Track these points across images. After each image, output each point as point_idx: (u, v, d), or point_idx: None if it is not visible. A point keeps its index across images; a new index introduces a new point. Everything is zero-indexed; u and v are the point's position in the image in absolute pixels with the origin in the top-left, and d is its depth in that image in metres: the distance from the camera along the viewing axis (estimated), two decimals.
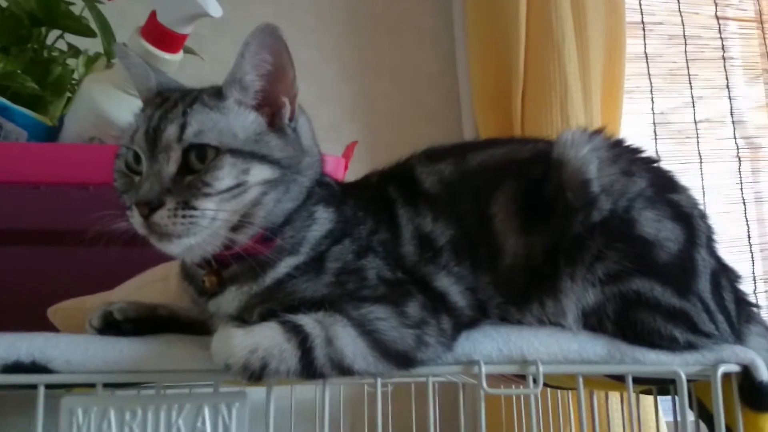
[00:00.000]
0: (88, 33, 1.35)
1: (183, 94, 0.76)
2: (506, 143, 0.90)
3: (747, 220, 2.06)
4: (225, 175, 0.70)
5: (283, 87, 0.77)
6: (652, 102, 2.08)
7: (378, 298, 0.73)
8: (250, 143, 0.72)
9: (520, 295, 0.81)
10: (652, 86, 2.08)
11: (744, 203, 2.07)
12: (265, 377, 0.67)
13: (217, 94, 0.75)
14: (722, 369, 0.81)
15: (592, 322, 0.82)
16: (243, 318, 0.72)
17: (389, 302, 0.73)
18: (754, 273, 2.00)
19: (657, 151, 2.01)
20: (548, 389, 1.31)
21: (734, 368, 0.82)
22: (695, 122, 2.09)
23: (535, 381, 0.78)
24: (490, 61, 1.84)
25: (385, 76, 1.96)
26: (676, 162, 2.06)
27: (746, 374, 0.82)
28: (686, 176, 2.02)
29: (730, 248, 2.01)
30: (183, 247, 0.71)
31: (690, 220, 0.84)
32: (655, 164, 0.88)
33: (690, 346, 0.81)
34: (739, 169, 2.08)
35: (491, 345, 0.79)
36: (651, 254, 0.80)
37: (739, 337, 0.86)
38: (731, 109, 2.11)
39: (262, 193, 0.72)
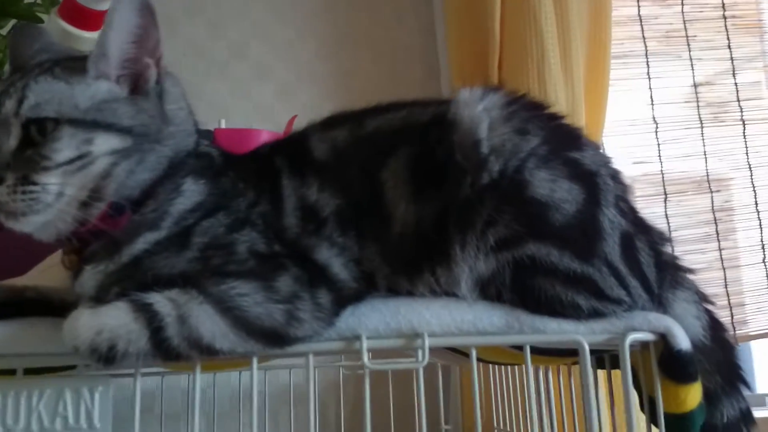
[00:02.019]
0: (37, 20, 1.35)
1: (35, 66, 0.73)
2: (408, 106, 0.85)
3: (754, 186, 1.95)
4: (64, 147, 0.67)
5: (148, 49, 0.74)
6: (648, 66, 1.98)
7: (244, 273, 0.70)
8: (93, 112, 0.69)
9: (411, 265, 0.77)
10: (647, 49, 1.99)
11: (750, 168, 1.95)
12: (116, 359, 0.65)
13: (76, 65, 0.72)
14: (631, 338, 0.75)
15: (491, 291, 0.77)
16: (102, 299, 0.70)
17: (257, 277, 0.69)
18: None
19: (654, 117, 1.92)
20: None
21: (647, 337, 0.76)
22: (694, 85, 1.98)
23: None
24: (466, 28, 1.77)
25: (364, 52, 1.92)
26: (677, 128, 1.96)
27: (666, 343, 0.76)
28: (687, 141, 1.95)
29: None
30: (32, 225, 0.68)
31: (593, 179, 0.78)
32: (557, 121, 0.82)
33: (596, 314, 0.76)
34: (744, 132, 1.97)
35: (378, 319, 0.75)
36: (545, 217, 0.75)
37: (660, 303, 0.80)
38: (733, 71, 2.00)
39: (111, 164, 0.69)
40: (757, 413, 1.76)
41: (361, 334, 0.73)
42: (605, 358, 0.89)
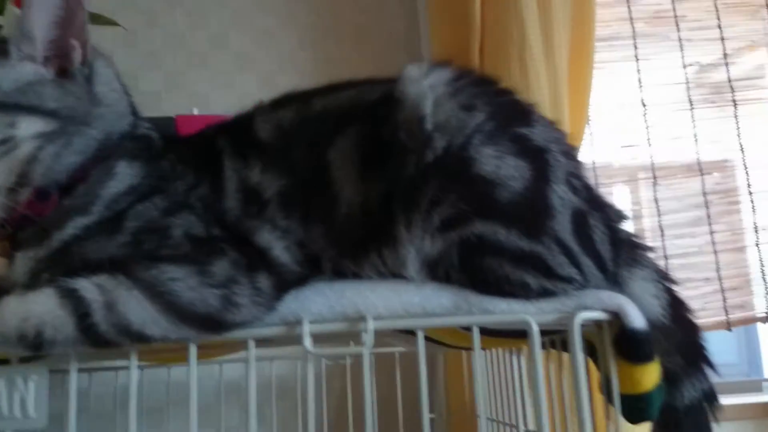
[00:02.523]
0: None
1: None
2: (358, 85, 0.83)
3: (746, 167, 1.91)
4: None
5: (73, 30, 0.72)
6: (635, 48, 1.94)
7: (178, 257, 0.68)
8: (16, 95, 0.68)
9: (357, 247, 0.75)
10: (634, 31, 1.95)
11: (742, 150, 1.92)
12: (43, 346, 0.63)
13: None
14: (581, 317, 0.73)
15: (440, 272, 0.75)
16: (33, 285, 0.68)
17: (190, 261, 0.68)
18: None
19: (642, 101, 1.89)
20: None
21: (598, 316, 0.74)
22: (684, 66, 1.94)
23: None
24: (448, 14, 1.75)
25: (346, 40, 1.89)
26: (667, 110, 1.93)
27: (620, 322, 0.74)
28: (677, 124, 1.91)
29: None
30: None
31: (542, 155, 0.75)
32: (506, 97, 0.80)
33: (546, 293, 0.73)
34: (735, 114, 1.93)
35: (322, 302, 0.73)
36: (491, 194, 0.72)
37: (616, 282, 0.78)
38: (724, 52, 1.96)
39: (37, 148, 0.68)
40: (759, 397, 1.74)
41: (303, 318, 0.71)
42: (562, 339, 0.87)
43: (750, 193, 1.88)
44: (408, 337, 0.86)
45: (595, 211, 0.78)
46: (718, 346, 2.14)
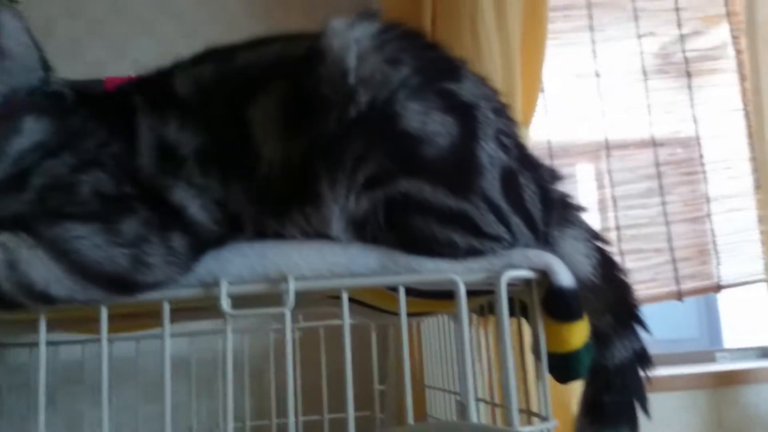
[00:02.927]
0: None
1: None
2: (283, 40, 0.80)
3: (699, 139, 1.92)
4: None
5: None
6: (591, 18, 1.93)
7: (84, 215, 0.65)
8: None
9: (279, 206, 0.72)
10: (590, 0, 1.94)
11: (695, 122, 1.92)
12: None
13: None
14: (509, 275, 0.71)
15: (367, 233, 0.73)
16: None
17: (98, 219, 0.65)
18: None
19: (596, 72, 1.88)
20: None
21: (526, 274, 0.72)
22: (638, 37, 1.94)
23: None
24: None
25: (295, 9, 1.85)
26: (621, 81, 1.92)
27: (548, 281, 0.73)
28: (630, 96, 1.91)
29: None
30: None
31: (470, 111, 0.73)
32: (434, 51, 0.78)
33: (474, 252, 0.72)
34: (689, 84, 1.93)
35: (243, 263, 0.70)
36: (417, 151, 0.70)
37: (546, 242, 0.76)
38: (678, 22, 1.95)
39: None
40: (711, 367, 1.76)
41: (222, 279, 0.68)
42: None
43: (702, 165, 1.88)
44: (363, 309, 0.84)
45: (525, 170, 0.76)
46: (677, 318, 2.17)
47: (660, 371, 1.72)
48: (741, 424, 1.69)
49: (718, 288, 1.82)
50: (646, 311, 0.83)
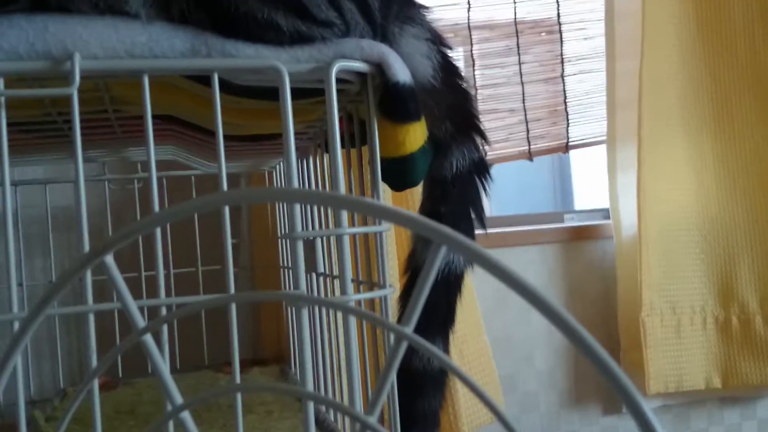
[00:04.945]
0: None
1: None
2: None
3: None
4: None
5: None
6: None
7: None
8: None
9: None
10: None
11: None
12: None
13: None
14: (339, 65, 0.64)
15: (174, 12, 0.62)
16: None
17: None
18: None
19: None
20: None
21: (358, 66, 0.65)
22: None
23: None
24: None
25: None
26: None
27: (383, 76, 0.66)
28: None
29: None
30: None
31: None
32: None
33: (300, 37, 0.63)
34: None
35: (19, 37, 0.58)
36: None
37: (383, 36, 0.69)
38: None
39: None
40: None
41: None
42: None
43: (559, 24, 1.87)
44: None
45: None
46: (532, 180, 2.22)
47: (513, 229, 1.78)
48: (583, 275, 1.78)
49: (567, 148, 1.86)
50: (502, 172, 0.79)
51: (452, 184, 0.74)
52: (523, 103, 1.83)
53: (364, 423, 0.35)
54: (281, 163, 1.31)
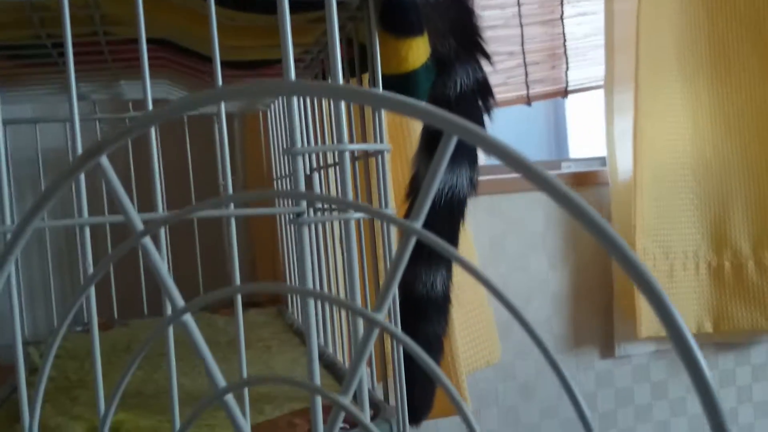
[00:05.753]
0: None
1: None
2: None
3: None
4: None
5: None
6: None
7: None
8: None
9: None
10: None
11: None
12: None
13: None
14: None
15: None
16: None
17: None
18: None
19: None
20: None
21: None
22: None
23: None
24: None
25: None
26: None
27: None
28: None
29: None
30: None
31: None
32: None
33: None
34: None
35: None
36: None
37: None
38: None
39: None
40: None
41: None
42: None
43: None
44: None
45: None
46: (528, 127, 2.19)
47: (511, 176, 1.76)
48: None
49: (566, 93, 1.83)
50: (497, 119, 0.78)
51: (456, 103, 0.73)
52: (522, 46, 1.80)
53: (372, 320, 0.33)
54: (276, 101, 1.29)
